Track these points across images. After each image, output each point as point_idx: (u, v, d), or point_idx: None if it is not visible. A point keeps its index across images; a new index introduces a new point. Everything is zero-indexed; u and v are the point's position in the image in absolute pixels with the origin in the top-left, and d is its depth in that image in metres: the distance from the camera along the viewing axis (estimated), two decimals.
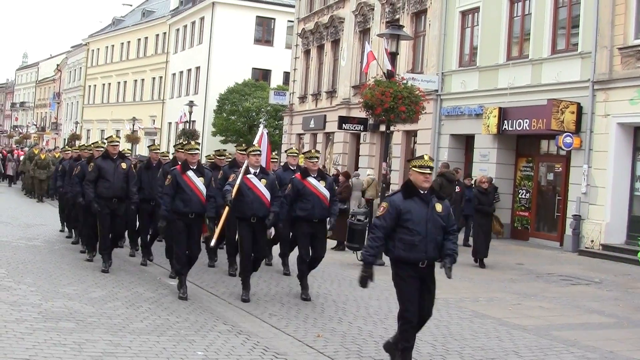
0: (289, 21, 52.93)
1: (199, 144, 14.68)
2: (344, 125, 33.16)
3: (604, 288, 16.12)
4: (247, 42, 57.44)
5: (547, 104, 23.19)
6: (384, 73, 23.97)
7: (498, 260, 19.57)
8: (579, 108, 22.97)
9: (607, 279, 17.33)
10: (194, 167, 12.61)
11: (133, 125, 61.24)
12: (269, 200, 12.33)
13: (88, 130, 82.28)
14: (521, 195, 26.51)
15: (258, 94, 51.61)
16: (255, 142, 13.34)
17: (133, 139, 59.94)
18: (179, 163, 13.34)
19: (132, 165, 15.71)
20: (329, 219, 12.85)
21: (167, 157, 17.13)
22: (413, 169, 8.48)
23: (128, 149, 19.76)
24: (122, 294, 12.23)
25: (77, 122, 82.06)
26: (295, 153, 16.39)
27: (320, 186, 12.77)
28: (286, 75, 51.22)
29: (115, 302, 11.40)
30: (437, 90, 29.52)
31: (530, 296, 14.35)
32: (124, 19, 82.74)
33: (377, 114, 22.84)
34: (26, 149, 53.80)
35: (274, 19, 58.57)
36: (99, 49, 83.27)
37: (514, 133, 25.69)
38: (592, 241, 22.09)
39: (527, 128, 24.55)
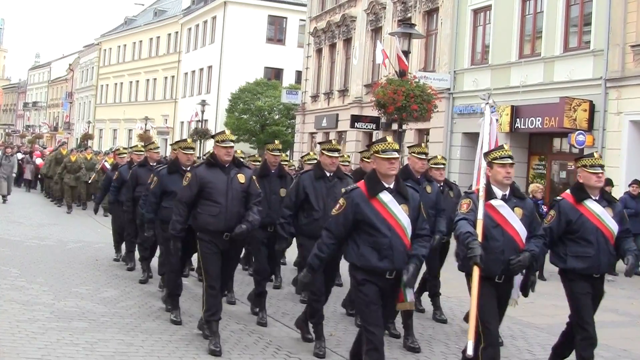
0: (301, 20, 52.87)
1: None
2: (356, 124, 33.10)
3: (618, 286, 16.06)
4: (259, 41, 57.43)
5: (560, 102, 23.12)
6: (396, 72, 23.98)
7: None
8: (592, 106, 22.88)
9: (621, 278, 17.26)
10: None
11: (145, 124, 61.34)
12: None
13: (100, 130, 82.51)
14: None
15: (270, 93, 51.62)
16: (487, 131, 9.62)
17: (145, 138, 60.08)
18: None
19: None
20: None
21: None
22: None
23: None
24: (134, 293, 12.25)
25: (89, 122, 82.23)
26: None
27: None
28: (298, 74, 51.18)
29: (128, 302, 11.42)
30: (449, 89, 29.47)
31: (543, 295, 14.30)
32: (136, 19, 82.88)
33: (390, 113, 22.85)
34: (46, 150, 46.92)
35: (286, 17, 58.55)
36: (111, 48, 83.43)
37: (526, 131, 25.61)
38: None
39: (540, 126, 24.48)
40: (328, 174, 9.80)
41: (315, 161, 11.97)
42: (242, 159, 11.36)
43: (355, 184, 7.53)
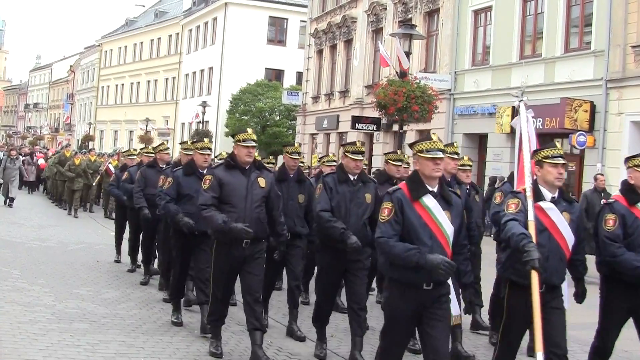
0: (302, 21, 52.86)
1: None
2: (357, 125, 33.11)
3: None
4: (260, 42, 57.40)
5: (561, 103, 23.13)
6: (396, 72, 23.99)
7: None
8: (592, 107, 22.90)
9: None
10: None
11: (146, 126, 61.33)
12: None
13: (101, 131, 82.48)
14: None
15: (271, 94, 51.61)
16: (526, 129, 8.34)
17: (146, 139, 60.07)
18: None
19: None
20: None
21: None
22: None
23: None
24: (135, 294, 12.25)
25: (90, 123, 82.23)
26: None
27: None
28: (299, 75, 51.22)
29: (129, 303, 11.43)
30: (450, 90, 29.49)
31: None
32: (137, 20, 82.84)
33: (390, 114, 22.90)
34: (49, 151, 45.52)
35: (287, 19, 58.52)
36: (112, 49, 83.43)
37: None
38: None
39: (541, 127, 24.43)
40: (352, 178, 8.98)
41: (333, 163, 12.03)
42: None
43: (397, 185, 6.85)
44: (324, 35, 41.87)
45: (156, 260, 13.66)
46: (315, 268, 10.04)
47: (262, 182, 8.64)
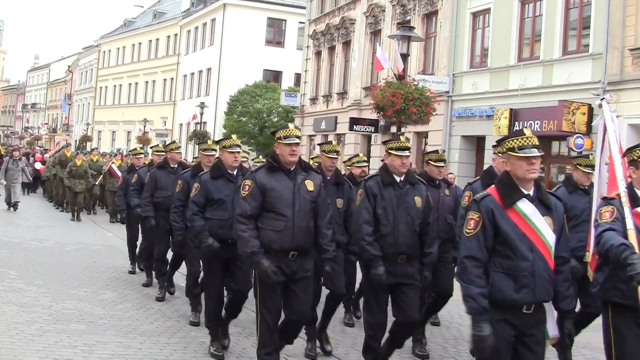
0: (300, 22, 52.86)
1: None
2: (355, 126, 33.08)
3: None
4: (258, 43, 57.37)
5: (558, 105, 23.14)
6: (394, 74, 24.00)
7: None
8: (590, 109, 22.89)
9: None
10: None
11: (144, 126, 61.29)
12: None
13: (99, 132, 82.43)
14: None
15: (269, 96, 51.57)
16: (612, 129, 6.91)
17: (144, 140, 60.03)
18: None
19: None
20: None
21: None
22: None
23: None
24: (133, 295, 12.25)
25: (88, 124, 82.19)
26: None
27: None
28: (297, 76, 51.18)
29: (126, 304, 11.43)
30: (448, 92, 29.48)
31: None
32: (135, 21, 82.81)
33: (388, 116, 22.90)
34: (48, 152, 43.74)
35: (285, 20, 58.50)
36: (110, 50, 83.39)
37: None
38: None
39: (538, 129, 24.47)
40: (398, 179, 7.93)
41: (363, 163, 11.03)
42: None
43: (485, 191, 5.90)
44: (323, 37, 41.87)
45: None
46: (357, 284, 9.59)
47: (309, 185, 7.56)
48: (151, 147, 16.12)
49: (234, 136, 9.46)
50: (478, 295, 5.48)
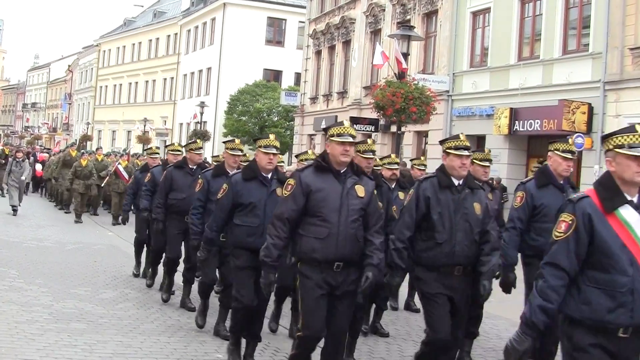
0: (300, 22, 52.88)
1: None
2: (355, 126, 33.02)
3: None
4: (258, 42, 57.40)
5: (558, 105, 23.14)
6: (395, 74, 24.00)
7: None
8: (590, 108, 22.91)
9: None
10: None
11: (144, 126, 61.29)
12: None
13: (99, 131, 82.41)
14: None
15: (269, 95, 51.57)
16: None
17: (144, 139, 60.01)
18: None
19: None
20: None
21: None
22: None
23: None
24: (133, 295, 12.24)
25: (88, 123, 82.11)
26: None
27: None
28: (297, 76, 51.20)
29: (126, 303, 11.42)
30: (448, 91, 29.49)
31: None
32: (135, 20, 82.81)
33: (388, 115, 22.89)
34: (48, 154, 41.22)
35: (285, 19, 58.52)
36: (110, 49, 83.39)
37: (525, 134, 25.63)
38: None
39: (538, 129, 24.49)
40: (456, 183, 7.16)
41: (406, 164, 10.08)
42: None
43: (583, 192, 5.02)
44: (323, 36, 41.87)
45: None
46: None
47: (360, 190, 6.82)
48: (166, 146, 14.91)
49: (272, 136, 8.48)
50: (538, 309, 4.79)
